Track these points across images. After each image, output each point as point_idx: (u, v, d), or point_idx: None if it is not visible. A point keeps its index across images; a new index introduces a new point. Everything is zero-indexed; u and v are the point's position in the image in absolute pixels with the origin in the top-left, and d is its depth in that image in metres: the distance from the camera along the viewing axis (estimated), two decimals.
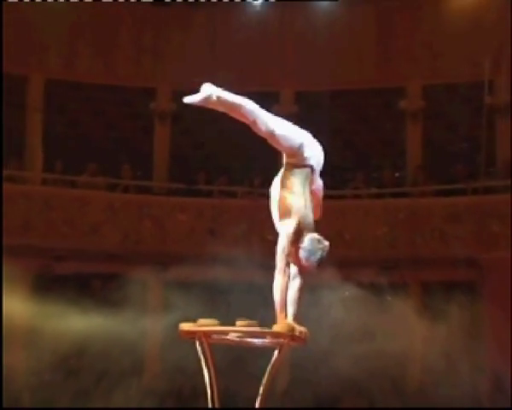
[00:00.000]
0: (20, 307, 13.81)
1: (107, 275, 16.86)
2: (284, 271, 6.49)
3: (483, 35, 17.56)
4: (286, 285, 6.50)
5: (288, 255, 6.50)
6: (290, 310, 6.57)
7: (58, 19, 18.59)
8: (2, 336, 13.80)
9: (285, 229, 6.56)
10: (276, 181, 6.88)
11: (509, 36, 17.57)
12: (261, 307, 6.81)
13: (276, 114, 19.25)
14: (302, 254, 6.48)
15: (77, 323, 13.11)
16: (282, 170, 6.88)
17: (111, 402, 16.04)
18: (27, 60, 18.66)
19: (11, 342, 16.28)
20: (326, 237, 6.78)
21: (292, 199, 6.65)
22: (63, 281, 15.16)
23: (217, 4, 18.84)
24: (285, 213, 6.62)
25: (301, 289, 6.64)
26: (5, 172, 17.86)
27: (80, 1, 18.41)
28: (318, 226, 6.86)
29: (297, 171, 6.82)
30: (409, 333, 15.21)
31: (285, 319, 6.45)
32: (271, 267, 6.58)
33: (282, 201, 6.68)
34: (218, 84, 17.46)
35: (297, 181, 6.76)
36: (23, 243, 16.09)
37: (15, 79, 18.64)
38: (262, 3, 19.03)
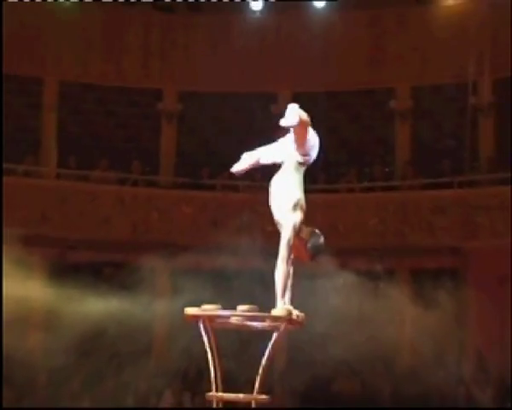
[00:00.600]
0: (37, 292, 13.79)
1: (117, 263, 16.87)
2: (287, 260, 6.51)
3: (467, 40, 17.52)
4: (288, 273, 6.52)
5: (291, 246, 6.53)
6: (287, 295, 6.58)
7: (72, 25, 18.60)
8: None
9: (292, 221, 6.58)
10: (277, 178, 6.90)
11: (490, 40, 17.59)
12: (261, 292, 6.80)
13: (274, 113, 19.25)
14: (308, 246, 6.58)
15: (90, 307, 13.10)
16: (287, 167, 6.91)
17: (121, 381, 16.06)
18: (43, 63, 18.65)
19: (29, 325, 16.30)
20: (321, 228, 6.79)
21: (297, 194, 6.74)
22: (77, 268, 15.14)
23: (219, 11, 18.85)
24: (292, 206, 6.65)
25: (292, 276, 6.69)
26: (22, 168, 17.90)
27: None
28: (315, 218, 6.88)
29: (301, 169, 6.96)
30: (398, 317, 15.22)
31: (284, 304, 6.46)
32: (271, 256, 6.59)
33: (289, 195, 6.71)
34: (220, 86, 17.32)
35: (300, 178, 6.90)
36: (40, 234, 16.10)
37: (32, 81, 18.64)
38: (261, 10, 19.02)
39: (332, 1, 18.58)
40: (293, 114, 7.20)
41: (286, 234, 6.55)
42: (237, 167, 7.53)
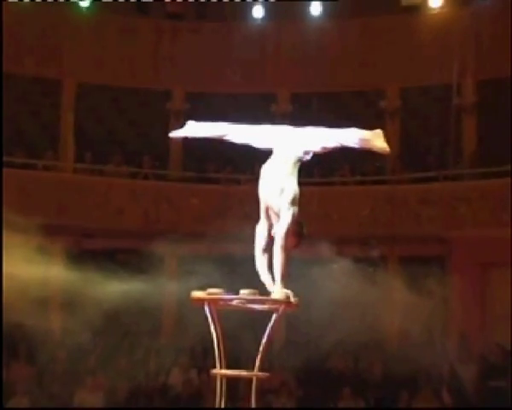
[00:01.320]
0: (56, 276, 13.79)
1: (129, 249, 16.86)
2: (285, 247, 6.48)
3: (451, 45, 17.49)
4: (287, 259, 6.48)
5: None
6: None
7: (88, 32, 18.63)
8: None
9: (292, 212, 6.55)
10: (276, 168, 6.81)
11: (473, 45, 17.58)
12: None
13: (274, 112, 19.19)
14: (303, 233, 6.57)
15: (104, 290, 13.08)
16: (288, 159, 6.85)
17: (133, 358, 16.08)
18: (62, 67, 18.65)
19: (49, 306, 16.31)
20: (317, 218, 6.79)
21: (296, 188, 6.67)
22: (92, 255, 15.14)
23: (223, 18, 18.86)
24: (293, 198, 6.61)
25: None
26: (43, 163, 17.89)
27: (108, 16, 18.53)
28: (313, 210, 6.88)
29: (298, 165, 6.88)
30: (388, 300, 15.21)
31: (282, 289, 6.44)
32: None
33: (291, 187, 6.66)
34: (225, 87, 17.22)
35: (297, 174, 6.82)
36: (58, 223, 16.10)
37: (51, 82, 18.63)
38: (262, 17, 19.01)
39: (328, 0, 18.55)
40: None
41: (285, 223, 6.51)
42: (177, 133, 7.44)
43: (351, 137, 7.37)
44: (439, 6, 18.39)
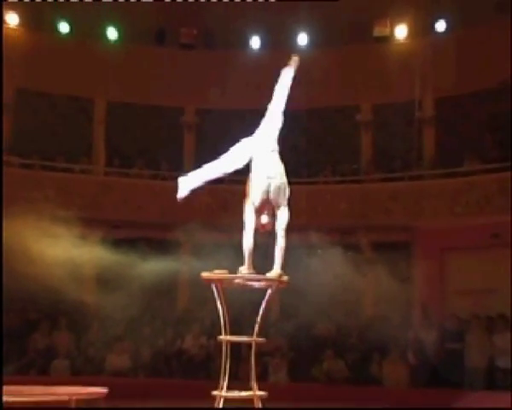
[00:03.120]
0: (90, 260, 13.75)
1: (150, 238, 16.83)
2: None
3: (414, 69, 17.48)
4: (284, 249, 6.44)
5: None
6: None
7: (117, 60, 18.60)
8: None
9: (287, 209, 6.50)
10: (276, 164, 6.68)
11: (431, 68, 17.57)
12: (262, 260, 6.74)
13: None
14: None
15: (128, 271, 13.06)
16: (275, 153, 6.76)
17: (154, 327, 16.05)
18: (94, 87, 18.65)
19: (85, 284, 16.28)
20: (305, 211, 6.73)
21: None
22: (119, 243, 15.08)
23: (227, 47, 18.84)
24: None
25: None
26: (79, 167, 17.87)
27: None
28: (301, 204, 6.82)
29: None
30: (363, 279, 15.19)
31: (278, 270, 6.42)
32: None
33: (287, 188, 6.59)
34: (228, 104, 17.04)
35: None
36: (91, 217, 16.05)
37: (85, 100, 18.63)
38: (259, 47, 19.00)
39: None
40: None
41: (286, 219, 6.43)
42: (181, 194, 7.29)
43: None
44: (403, 37, 18.44)
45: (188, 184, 7.14)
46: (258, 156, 6.64)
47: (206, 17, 18.33)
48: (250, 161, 6.82)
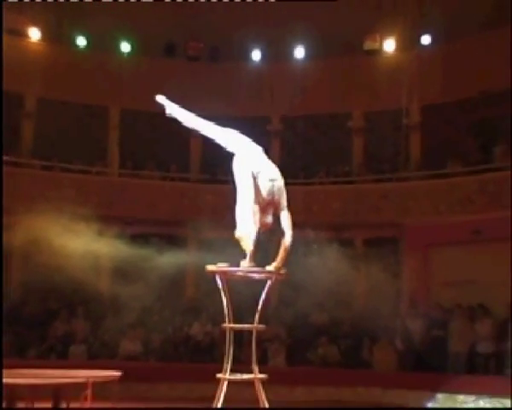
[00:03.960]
0: (106, 253, 13.73)
1: (160, 234, 16.83)
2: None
3: (401, 79, 17.47)
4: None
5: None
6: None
7: (129, 71, 18.61)
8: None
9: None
10: (278, 172, 6.61)
11: (417, 79, 17.57)
12: (263, 254, 6.74)
13: (269, 130, 19.00)
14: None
15: (140, 264, 13.09)
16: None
17: (163, 315, 16.06)
18: (109, 95, 18.64)
19: (102, 275, 16.33)
20: (301, 210, 6.74)
21: None
22: (133, 238, 15.10)
23: (230, 60, 18.85)
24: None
25: None
26: (95, 169, 17.88)
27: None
28: (298, 204, 6.83)
29: None
30: (355, 271, 15.19)
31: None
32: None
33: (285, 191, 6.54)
34: (230, 111, 17.00)
35: None
36: (107, 214, 16.04)
37: (100, 108, 18.64)
38: (259, 59, 19.01)
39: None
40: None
41: (290, 222, 6.38)
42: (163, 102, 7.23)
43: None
44: (392, 50, 18.43)
45: (175, 111, 7.12)
46: (252, 155, 6.54)
47: (212, 32, 18.36)
48: (231, 153, 6.75)
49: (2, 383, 7.60)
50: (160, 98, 7.26)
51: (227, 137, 6.76)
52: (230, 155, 6.96)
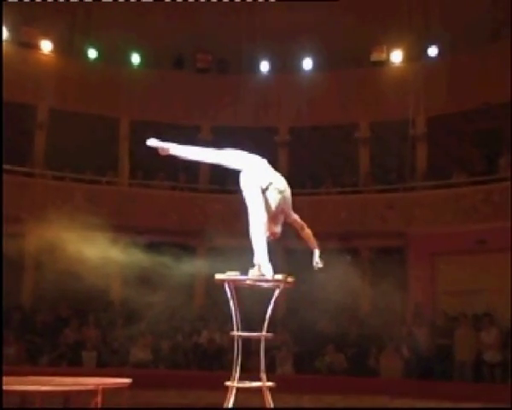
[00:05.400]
0: (116, 258, 13.70)
1: (170, 243, 16.84)
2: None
3: (408, 89, 17.52)
4: None
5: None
6: None
7: (139, 82, 18.67)
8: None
9: None
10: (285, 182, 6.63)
11: (423, 90, 17.57)
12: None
13: (276, 141, 18.96)
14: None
15: (151, 272, 13.09)
16: None
17: (173, 324, 16.05)
18: (120, 108, 18.70)
19: (113, 281, 16.37)
20: (308, 219, 6.75)
21: None
22: (143, 246, 15.12)
23: (239, 71, 18.90)
24: None
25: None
26: (105, 179, 17.94)
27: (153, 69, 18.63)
28: (305, 213, 6.84)
29: None
30: (361, 280, 15.18)
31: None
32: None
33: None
34: (240, 122, 16.97)
35: None
36: (117, 223, 16.11)
37: (111, 119, 18.68)
38: (268, 70, 19.06)
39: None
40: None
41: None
42: (156, 144, 7.22)
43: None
44: (398, 61, 18.43)
45: (173, 149, 7.08)
46: (258, 171, 6.56)
47: (220, 44, 18.43)
48: (238, 171, 6.77)
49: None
50: (152, 142, 7.19)
51: (231, 159, 6.77)
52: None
